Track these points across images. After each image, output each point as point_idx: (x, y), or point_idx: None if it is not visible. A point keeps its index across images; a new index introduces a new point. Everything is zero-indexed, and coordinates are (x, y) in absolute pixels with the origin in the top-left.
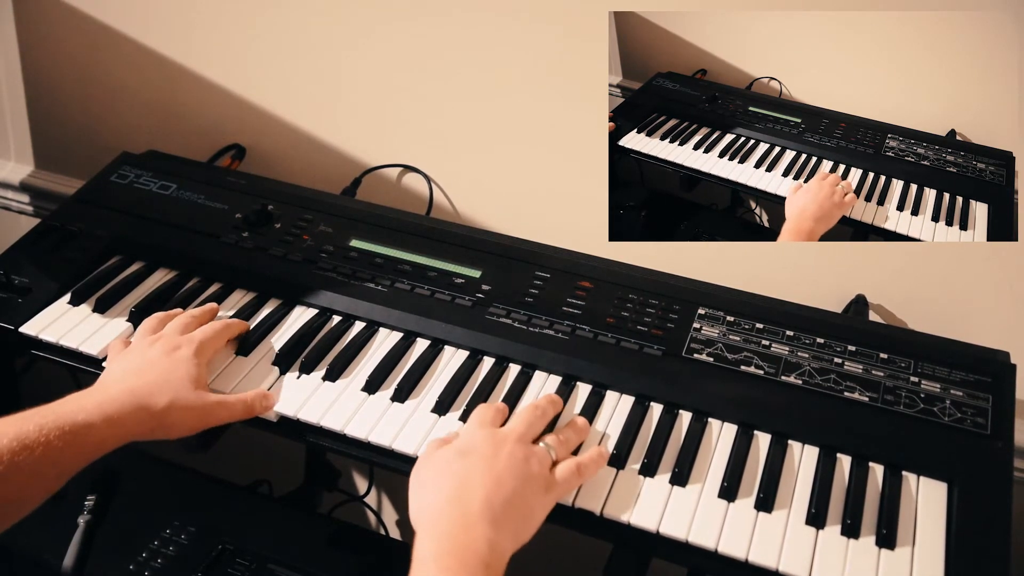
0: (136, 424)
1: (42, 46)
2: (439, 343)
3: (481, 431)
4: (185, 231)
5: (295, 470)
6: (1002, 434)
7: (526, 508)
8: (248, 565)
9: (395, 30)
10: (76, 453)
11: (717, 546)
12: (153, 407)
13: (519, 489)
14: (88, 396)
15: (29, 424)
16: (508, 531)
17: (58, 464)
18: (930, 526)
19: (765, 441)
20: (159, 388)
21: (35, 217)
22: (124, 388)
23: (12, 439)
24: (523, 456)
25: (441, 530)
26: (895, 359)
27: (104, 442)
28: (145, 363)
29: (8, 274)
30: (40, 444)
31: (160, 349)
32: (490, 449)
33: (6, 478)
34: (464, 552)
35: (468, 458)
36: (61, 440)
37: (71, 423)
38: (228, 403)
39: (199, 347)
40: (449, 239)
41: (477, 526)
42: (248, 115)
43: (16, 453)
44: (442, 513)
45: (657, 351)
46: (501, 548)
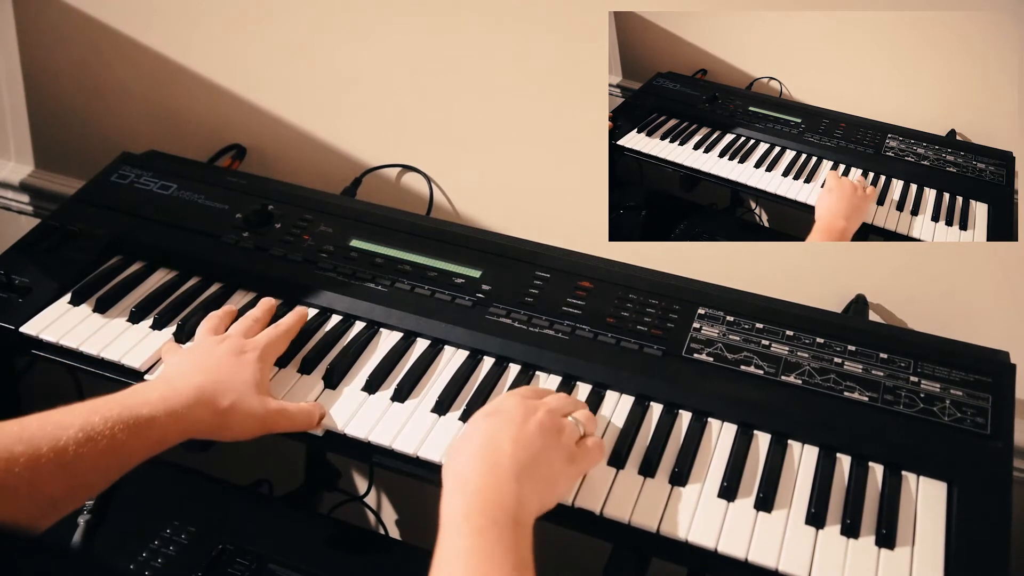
0: (198, 421)
1: (42, 46)
2: (439, 343)
3: (514, 398)
4: (185, 231)
5: (295, 470)
6: (1002, 434)
7: (551, 473)
8: (248, 565)
9: (395, 30)
10: (139, 446)
11: (717, 546)
12: (218, 405)
13: (545, 453)
14: (153, 389)
15: (95, 416)
16: (534, 490)
17: (121, 457)
18: (930, 526)
19: (765, 441)
20: (225, 388)
21: (35, 217)
22: (190, 384)
23: (78, 430)
24: (552, 425)
25: (470, 487)
26: (895, 359)
27: (166, 437)
28: (211, 362)
29: (8, 274)
30: (105, 436)
31: (227, 349)
32: (520, 413)
33: (71, 469)
34: (494, 508)
35: (497, 417)
36: (125, 433)
37: (135, 416)
38: (289, 413)
39: (263, 352)
40: (449, 239)
41: (506, 481)
42: (248, 115)
43: (82, 444)
44: (470, 468)
45: (657, 351)
46: (527, 504)
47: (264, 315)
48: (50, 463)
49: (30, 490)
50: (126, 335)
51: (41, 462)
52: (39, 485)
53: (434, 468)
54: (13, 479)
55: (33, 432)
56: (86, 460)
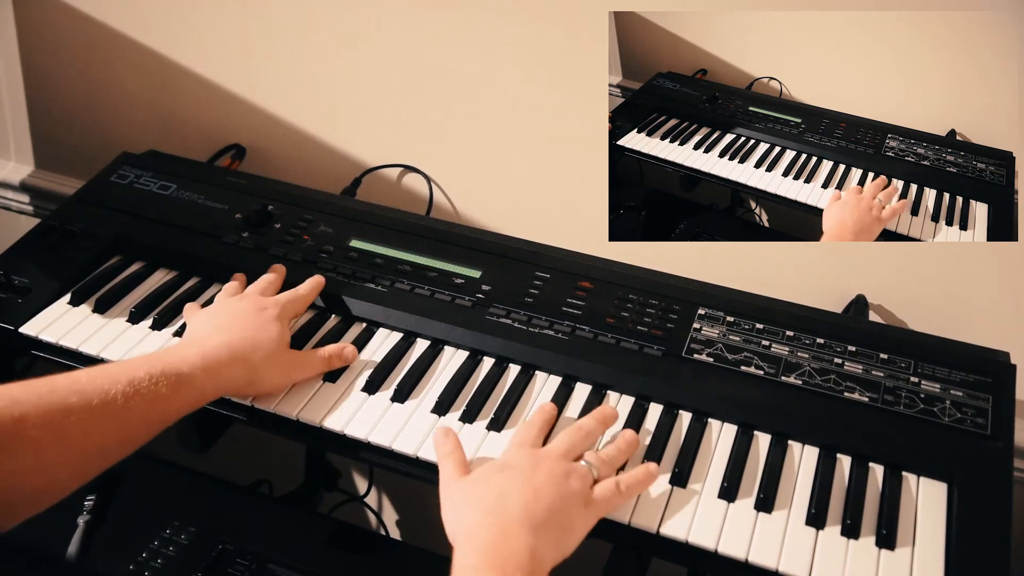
0: (232, 376)
1: (42, 46)
2: (439, 343)
3: (520, 450)
4: (185, 231)
5: (295, 470)
6: (1002, 434)
7: (566, 520)
8: (248, 565)
9: (395, 30)
10: (180, 402)
11: (717, 546)
12: (250, 360)
13: (558, 501)
14: (188, 347)
15: (140, 372)
16: (549, 541)
17: (164, 411)
18: (930, 526)
19: (765, 441)
20: (254, 343)
21: (35, 217)
22: (221, 342)
23: (127, 384)
24: (562, 472)
25: (480, 542)
26: (895, 359)
27: (204, 392)
28: (237, 320)
29: (8, 274)
30: (150, 391)
31: (248, 307)
32: (528, 465)
33: (121, 419)
34: (504, 563)
35: (505, 472)
36: (168, 388)
37: (177, 373)
38: (311, 361)
39: (283, 309)
40: (449, 239)
41: (517, 534)
42: (248, 115)
43: (130, 398)
44: (480, 525)
45: (657, 351)
46: (541, 557)
47: (277, 277)
48: (102, 413)
49: (83, 439)
50: (126, 335)
51: (94, 412)
52: (91, 434)
53: (434, 468)
54: (70, 428)
55: (84, 385)
56: (134, 412)
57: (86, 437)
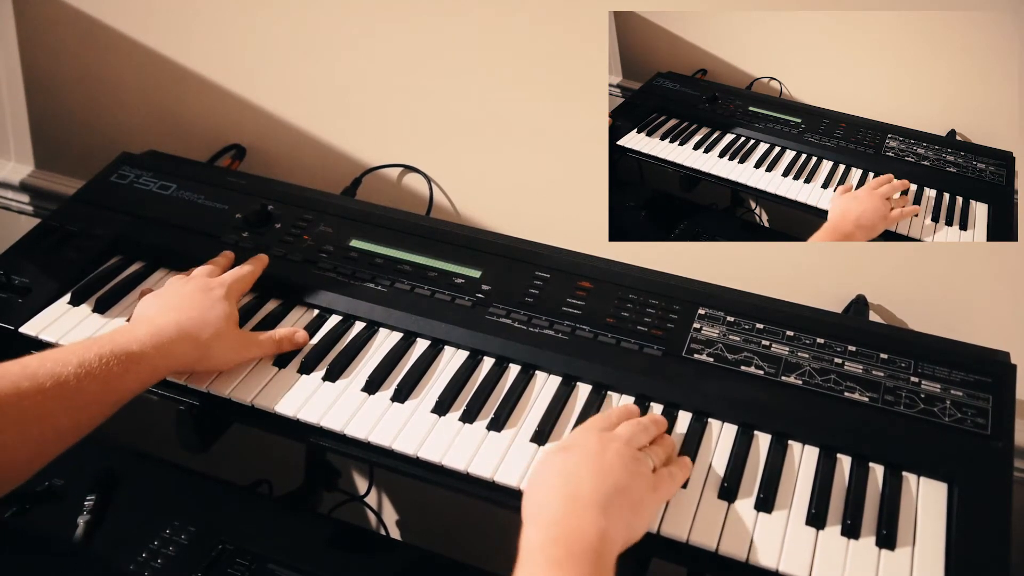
0: (183, 354)
1: (42, 46)
2: (439, 343)
3: (588, 432)
4: (185, 231)
5: (295, 470)
6: (1002, 434)
7: (636, 499)
8: (248, 565)
9: (395, 30)
10: (132, 380)
11: (717, 547)
12: (199, 338)
13: (627, 481)
14: (137, 328)
15: (89, 353)
16: (619, 521)
17: (117, 391)
18: (930, 526)
19: (765, 441)
20: (202, 321)
21: (35, 217)
22: (170, 320)
23: (77, 367)
24: (630, 455)
25: (548, 517)
26: (895, 359)
27: (156, 369)
28: (184, 300)
29: (8, 274)
30: (102, 372)
31: (194, 287)
32: (596, 446)
33: (74, 401)
34: (572, 539)
35: (574, 451)
36: (119, 367)
37: (127, 352)
38: (260, 341)
39: (229, 289)
40: (449, 239)
41: (586, 512)
42: (248, 115)
43: (82, 379)
44: (549, 500)
45: (657, 351)
46: (611, 537)
47: (224, 260)
48: (55, 396)
49: (39, 422)
50: None
51: (47, 395)
52: (46, 417)
53: (434, 469)
54: (23, 412)
55: (35, 369)
56: (86, 393)
57: (41, 419)
